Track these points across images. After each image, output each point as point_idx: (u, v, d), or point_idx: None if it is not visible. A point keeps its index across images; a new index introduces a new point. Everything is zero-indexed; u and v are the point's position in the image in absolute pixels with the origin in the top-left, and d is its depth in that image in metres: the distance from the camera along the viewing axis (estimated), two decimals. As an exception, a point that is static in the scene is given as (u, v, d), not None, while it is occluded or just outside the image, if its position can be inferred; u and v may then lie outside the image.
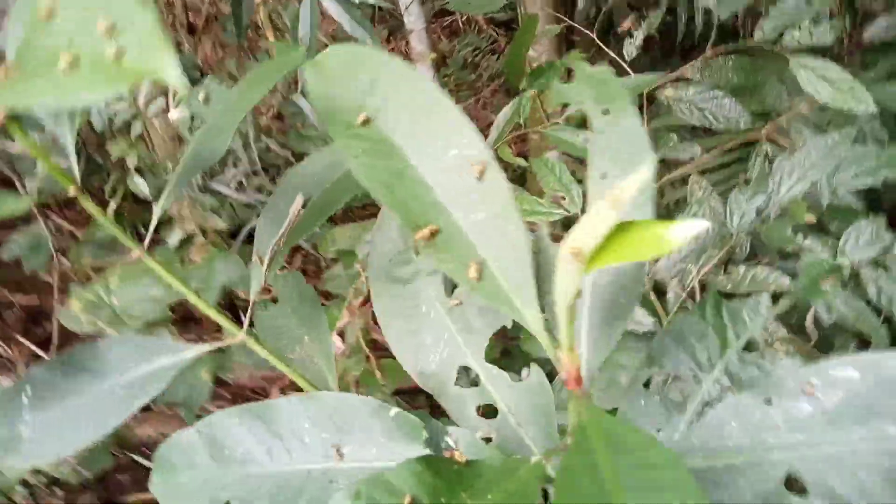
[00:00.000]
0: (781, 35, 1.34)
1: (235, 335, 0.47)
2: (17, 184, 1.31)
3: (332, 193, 0.46)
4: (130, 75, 0.24)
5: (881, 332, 0.97)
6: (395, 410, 0.36)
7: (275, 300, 0.56)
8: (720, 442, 0.33)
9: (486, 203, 0.32)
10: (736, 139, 1.54)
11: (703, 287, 1.11)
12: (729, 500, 0.32)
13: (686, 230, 0.24)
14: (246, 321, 0.47)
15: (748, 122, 1.32)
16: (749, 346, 0.47)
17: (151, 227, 0.45)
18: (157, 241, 2.48)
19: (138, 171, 1.46)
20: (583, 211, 1.26)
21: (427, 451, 0.36)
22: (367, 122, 0.33)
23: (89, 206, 0.43)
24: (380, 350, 1.47)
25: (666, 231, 0.25)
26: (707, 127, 1.41)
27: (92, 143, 2.04)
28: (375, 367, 1.41)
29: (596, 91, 0.35)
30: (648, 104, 1.39)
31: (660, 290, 1.19)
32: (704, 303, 0.47)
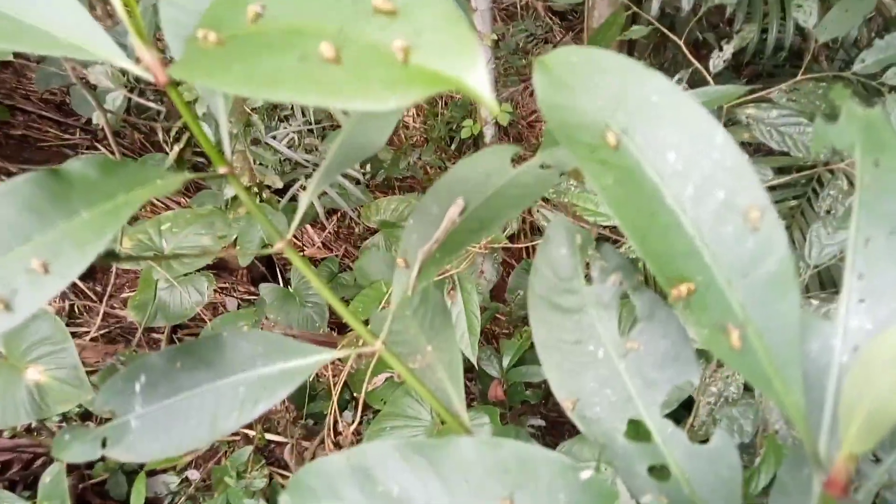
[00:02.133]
0: (886, 69, 1.28)
1: (372, 343, 0.43)
2: (99, 110, 1.27)
3: (494, 203, 0.41)
4: (418, 80, 0.19)
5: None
6: (587, 473, 0.32)
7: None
8: None
9: (757, 261, 0.27)
10: (809, 169, 1.48)
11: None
12: None
13: None
14: (384, 331, 0.43)
15: (828, 155, 1.26)
16: None
17: (298, 218, 0.40)
18: (197, 185, 2.45)
19: (203, 117, 1.41)
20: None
21: (615, 523, 0.32)
22: (614, 145, 0.28)
23: (239, 188, 0.38)
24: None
25: None
26: (770, 149, 1.36)
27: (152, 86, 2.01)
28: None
29: (867, 136, 0.30)
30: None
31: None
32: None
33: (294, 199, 2.23)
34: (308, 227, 2.69)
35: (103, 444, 0.42)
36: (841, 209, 1.29)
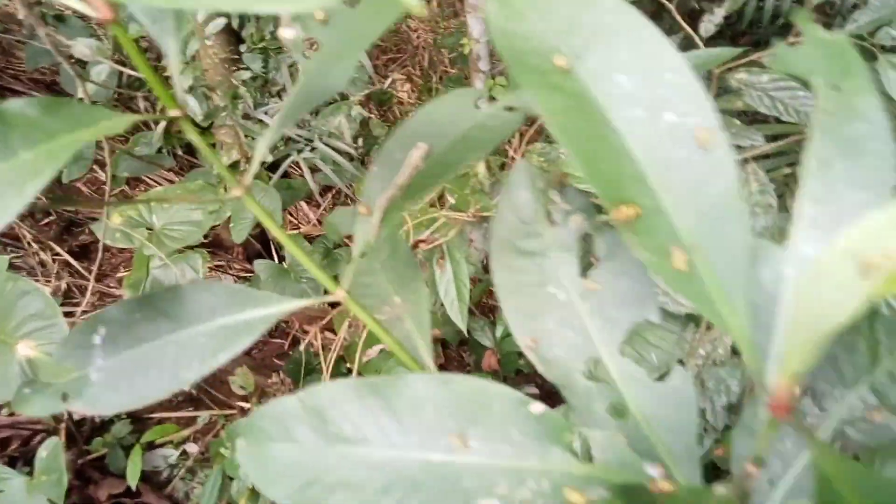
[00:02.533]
0: (877, 30, 1.26)
1: (332, 291, 0.42)
2: (81, 88, 1.26)
3: (460, 147, 0.40)
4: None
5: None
6: (539, 407, 0.32)
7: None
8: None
9: (704, 184, 0.26)
10: (802, 132, 1.47)
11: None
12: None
13: None
14: (346, 279, 0.42)
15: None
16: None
17: (256, 162, 0.40)
18: (191, 163, 2.44)
19: (191, 90, 1.40)
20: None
21: (569, 456, 0.31)
22: (565, 70, 0.27)
23: (190, 130, 0.37)
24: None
25: None
26: (776, 117, 1.35)
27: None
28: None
29: (828, 63, 0.29)
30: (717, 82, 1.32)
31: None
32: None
33: (286, 174, 2.22)
34: (303, 204, 2.68)
35: (64, 398, 0.41)
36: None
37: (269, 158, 1.63)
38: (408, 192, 0.40)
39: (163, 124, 1.44)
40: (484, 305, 2.26)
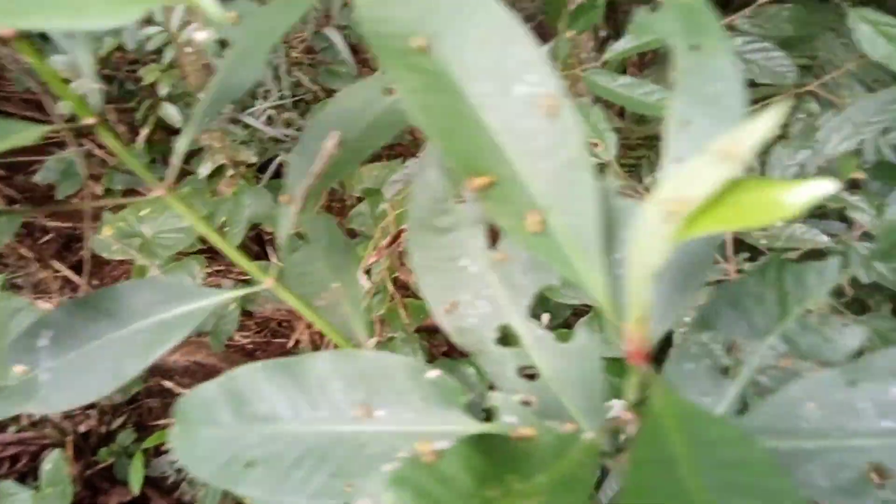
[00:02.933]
0: (847, -14, 1.25)
1: (261, 280, 0.44)
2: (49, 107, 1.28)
3: (371, 133, 0.42)
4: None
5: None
6: (434, 373, 0.33)
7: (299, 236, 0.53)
8: (794, 423, 0.30)
9: (554, 150, 0.28)
10: (778, 93, 1.46)
11: (739, 243, 1.07)
12: (796, 486, 0.29)
13: (810, 192, 0.20)
14: (274, 268, 0.44)
15: (795, 78, 1.24)
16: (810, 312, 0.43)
17: (177, 160, 0.42)
18: (187, 171, 2.47)
19: (170, 98, 1.42)
20: (653, 163, 1.19)
21: (466, 417, 0.33)
22: (423, 49, 0.29)
23: (108, 137, 0.39)
24: (404, 289, 1.45)
25: (785, 193, 0.20)
26: (751, 80, 1.34)
27: (124, 67, 2.01)
28: (400, 305, 1.40)
29: (685, 23, 0.30)
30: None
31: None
32: (765, 265, 0.43)
33: (277, 175, 2.24)
34: (299, 203, 2.70)
35: (18, 400, 0.44)
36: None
37: (254, 160, 1.65)
38: (324, 179, 0.41)
39: (144, 134, 1.46)
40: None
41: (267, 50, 0.42)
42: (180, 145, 0.41)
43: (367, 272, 1.45)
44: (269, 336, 2.21)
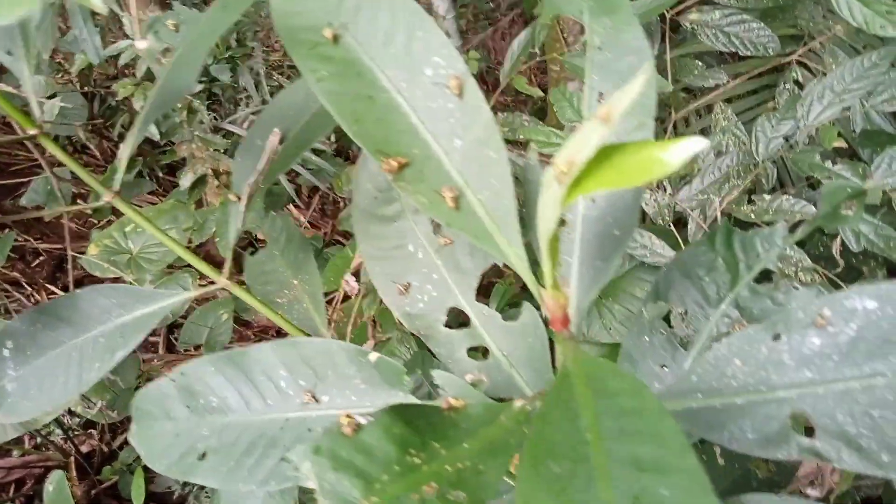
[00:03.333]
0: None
1: (217, 280, 0.45)
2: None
3: (313, 125, 0.43)
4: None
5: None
6: (375, 355, 0.34)
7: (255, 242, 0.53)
8: (722, 381, 0.30)
9: (465, 127, 0.28)
10: (765, 65, 1.47)
11: (728, 218, 1.08)
12: (728, 441, 0.29)
13: (685, 150, 0.21)
14: (226, 266, 0.45)
15: (777, 48, 1.25)
16: (765, 278, 0.44)
17: (121, 165, 0.42)
18: (173, 183, 2.47)
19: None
20: (675, 118, 1.20)
21: (410, 397, 0.34)
22: (336, 38, 0.29)
23: (51, 146, 0.40)
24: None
25: (662, 151, 0.21)
26: (735, 53, 1.34)
27: (102, 83, 2.01)
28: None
29: (595, 1, 0.31)
30: (671, 31, 1.32)
31: (681, 222, 1.16)
32: (714, 233, 0.44)
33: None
34: (292, 208, 2.71)
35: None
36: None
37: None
38: (268, 175, 0.42)
39: (122, 150, 1.47)
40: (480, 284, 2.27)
41: (204, 55, 0.42)
42: (123, 152, 0.42)
43: (356, 274, 1.46)
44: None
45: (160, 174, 2.30)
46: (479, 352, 0.39)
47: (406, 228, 0.41)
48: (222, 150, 1.81)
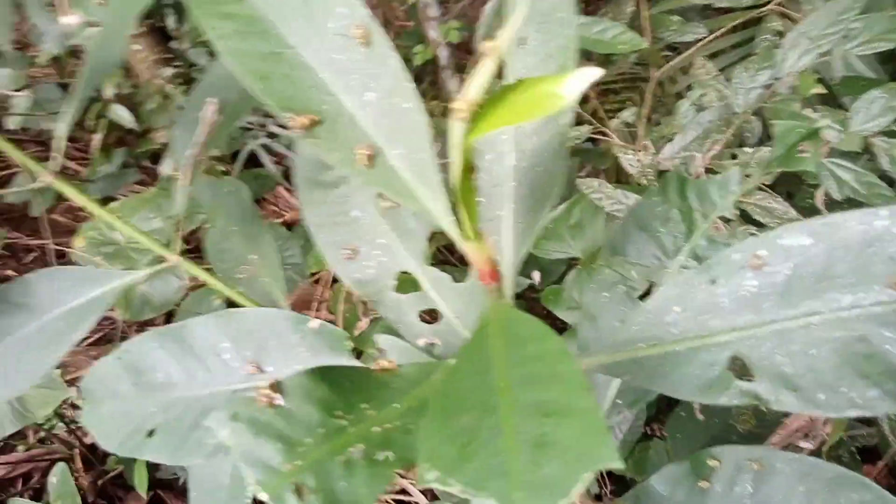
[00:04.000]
0: None
1: (170, 259, 0.44)
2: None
3: (245, 97, 0.42)
4: None
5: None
6: (316, 322, 0.34)
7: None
8: (663, 329, 0.30)
9: (376, 79, 0.27)
10: (745, 16, 1.44)
11: (711, 173, 1.06)
12: (672, 389, 0.29)
13: (578, 81, 0.20)
14: (175, 244, 0.44)
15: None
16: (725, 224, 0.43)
17: (58, 143, 0.41)
18: (151, 169, 2.45)
19: (118, 99, 1.41)
20: (636, 105, 1.18)
21: (355, 362, 0.33)
22: (237, -3, 0.28)
23: None
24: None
25: (556, 86, 0.20)
26: (715, 6, 1.32)
27: (70, 72, 1.99)
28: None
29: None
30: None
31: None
32: (666, 183, 0.43)
33: (250, 164, 2.22)
34: (284, 192, 2.70)
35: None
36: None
37: (216, 153, 1.64)
38: (209, 145, 0.41)
39: (99, 137, 1.45)
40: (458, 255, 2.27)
41: (128, 28, 0.41)
42: (59, 129, 0.41)
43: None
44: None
45: (147, 164, 2.28)
46: (430, 314, 0.39)
47: (348, 193, 0.40)
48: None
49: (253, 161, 2.04)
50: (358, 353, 0.34)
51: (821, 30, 1.08)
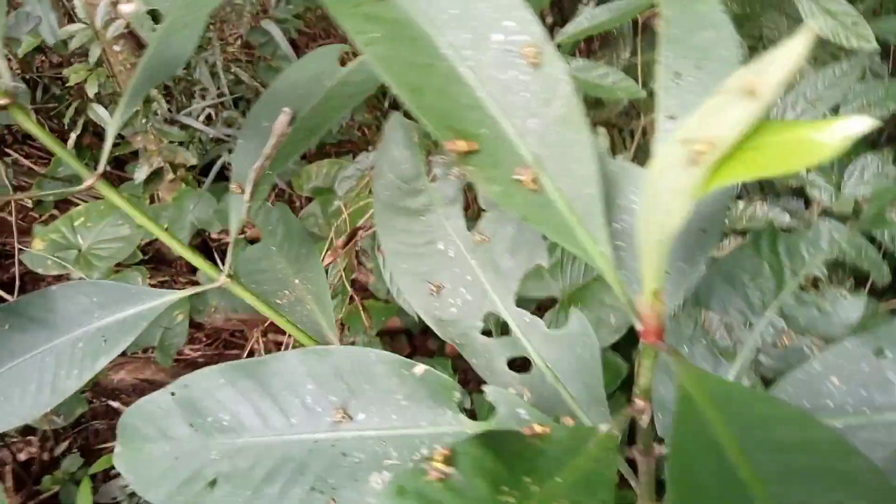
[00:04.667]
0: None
1: (214, 279, 0.40)
2: None
3: (325, 107, 0.38)
4: None
5: (884, 269, 0.92)
6: (421, 368, 0.30)
7: (253, 241, 0.48)
8: (817, 401, 0.27)
9: (543, 104, 0.24)
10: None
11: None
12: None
13: (845, 130, 0.17)
14: (227, 263, 0.40)
15: (745, 55, 1.25)
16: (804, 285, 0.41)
17: (105, 152, 0.37)
18: (121, 177, 2.36)
19: (98, 99, 1.34)
20: (644, 123, 1.17)
21: (460, 416, 0.30)
22: (382, -2, 0.25)
23: (25, 119, 0.34)
24: (363, 291, 1.40)
25: (818, 132, 0.18)
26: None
27: (48, 71, 1.90)
28: (360, 308, 1.35)
29: (669, -32, 0.28)
30: (642, 34, 1.31)
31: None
32: (759, 236, 0.41)
33: (221, 177, 2.15)
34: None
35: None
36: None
37: (193, 162, 1.57)
38: (275, 161, 0.37)
39: (73, 137, 1.37)
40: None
41: (202, 21, 0.37)
42: (112, 127, 0.36)
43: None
44: (222, 348, 2.13)
45: (107, 167, 2.18)
46: (520, 362, 0.35)
47: (436, 223, 0.37)
48: (178, 143, 1.72)
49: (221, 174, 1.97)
50: (462, 407, 0.30)
51: (819, 92, 1.10)
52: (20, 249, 2.17)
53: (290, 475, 0.29)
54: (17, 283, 1.56)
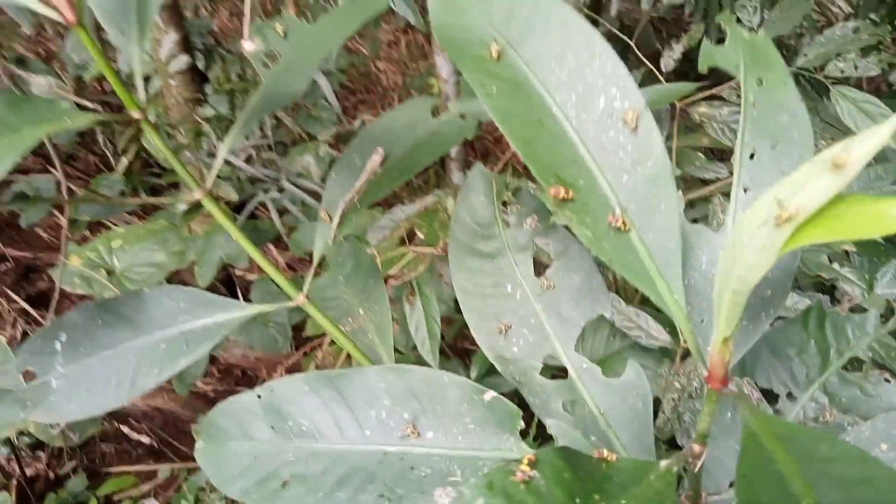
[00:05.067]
0: (825, 64, 1.32)
1: (293, 297, 0.43)
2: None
3: (416, 153, 0.42)
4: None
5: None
6: (490, 394, 0.32)
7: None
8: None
9: (637, 164, 0.28)
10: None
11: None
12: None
13: (916, 208, 0.20)
14: (306, 284, 0.43)
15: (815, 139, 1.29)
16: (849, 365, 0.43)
17: (214, 171, 0.40)
18: (156, 206, 2.42)
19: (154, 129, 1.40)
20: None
21: (522, 444, 0.32)
22: (500, 55, 0.29)
23: (152, 133, 0.38)
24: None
25: (892, 208, 0.21)
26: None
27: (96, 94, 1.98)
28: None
29: (751, 57, 0.31)
30: (679, 118, 1.36)
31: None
32: (808, 312, 0.43)
33: (253, 216, 2.21)
34: (271, 246, 2.67)
35: (25, 406, 0.41)
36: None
37: (235, 198, 1.63)
38: (365, 196, 0.41)
39: (123, 163, 1.44)
40: (459, 348, 2.24)
41: (317, 62, 0.41)
42: (220, 152, 0.40)
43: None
44: (233, 384, 2.13)
45: (143, 195, 2.24)
46: (574, 405, 0.37)
47: (506, 267, 0.40)
48: (223, 178, 1.78)
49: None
50: (524, 434, 0.32)
51: (853, 191, 1.13)
52: (50, 265, 2.22)
53: (360, 483, 0.31)
54: (56, 296, 1.60)
